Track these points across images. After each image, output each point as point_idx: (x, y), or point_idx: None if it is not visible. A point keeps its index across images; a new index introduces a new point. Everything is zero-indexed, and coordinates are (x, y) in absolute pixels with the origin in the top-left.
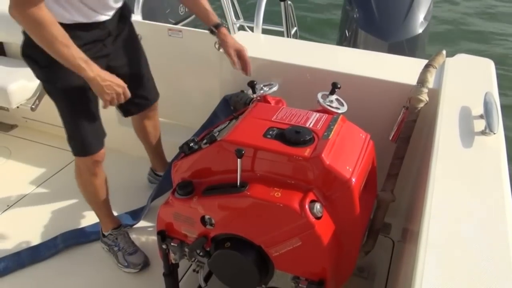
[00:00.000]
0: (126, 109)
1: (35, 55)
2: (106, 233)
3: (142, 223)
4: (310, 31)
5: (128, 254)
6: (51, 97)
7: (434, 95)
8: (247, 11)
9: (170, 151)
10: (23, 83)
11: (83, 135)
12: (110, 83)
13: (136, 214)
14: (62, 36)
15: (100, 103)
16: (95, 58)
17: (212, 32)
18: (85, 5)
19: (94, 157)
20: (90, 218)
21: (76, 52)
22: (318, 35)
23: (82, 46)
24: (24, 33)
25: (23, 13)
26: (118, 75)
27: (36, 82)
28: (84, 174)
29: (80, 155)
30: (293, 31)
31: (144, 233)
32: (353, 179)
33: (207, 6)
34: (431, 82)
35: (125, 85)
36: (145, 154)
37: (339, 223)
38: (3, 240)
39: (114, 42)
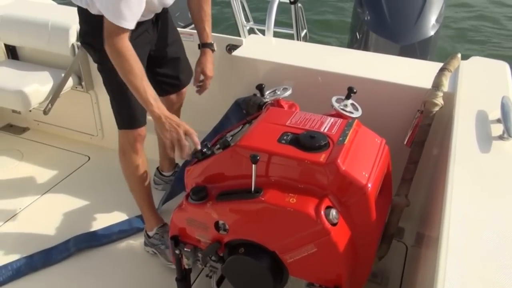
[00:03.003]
0: (161, 87)
1: (90, 41)
2: (151, 233)
3: None
4: (320, 33)
5: None
6: (103, 75)
7: (449, 98)
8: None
9: None
10: (36, 87)
11: (130, 109)
12: (171, 122)
13: None
14: (139, 70)
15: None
16: (143, 45)
17: (198, 47)
18: (148, 10)
19: (138, 131)
20: (102, 221)
21: (149, 88)
22: (328, 37)
23: (135, 38)
24: (80, 24)
25: (108, 43)
26: (157, 58)
27: (49, 86)
28: (128, 151)
29: (126, 127)
30: (303, 34)
31: None
32: (369, 185)
33: (207, 27)
34: (446, 86)
35: (186, 126)
36: (154, 157)
37: (354, 229)
38: (16, 243)
39: (155, 28)
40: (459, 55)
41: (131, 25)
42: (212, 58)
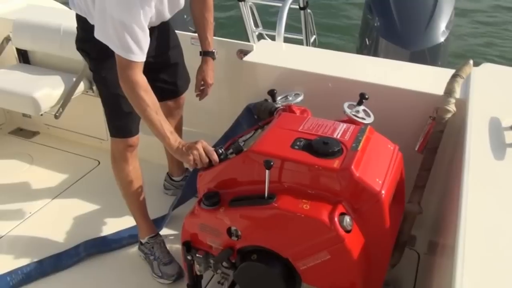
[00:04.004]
0: (159, 93)
1: (87, 48)
2: (143, 241)
3: (163, 232)
4: (329, 39)
5: (163, 264)
6: (96, 83)
7: (462, 105)
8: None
9: None
10: (47, 91)
11: (120, 120)
12: (188, 145)
13: (157, 223)
14: (153, 103)
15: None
16: None
17: (200, 54)
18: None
19: (128, 141)
20: (112, 226)
21: (164, 121)
22: (336, 43)
23: None
24: (77, 29)
25: (121, 78)
26: (156, 64)
27: (60, 90)
28: (118, 159)
29: (116, 136)
30: (312, 39)
31: (166, 242)
32: (383, 192)
33: (209, 35)
34: (458, 92)
35: (201, 141)
36: (163, 161)
37: (368, 236)
38: (26, 247)
39: (153, 35)
40: (471, 62)
41: (141, 57)
42: (213, 66)
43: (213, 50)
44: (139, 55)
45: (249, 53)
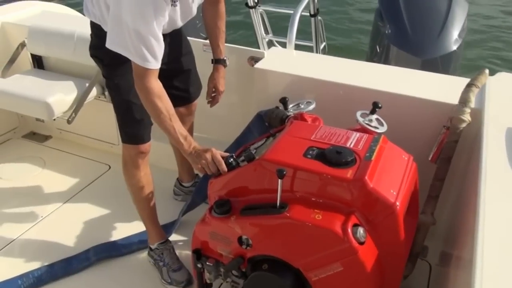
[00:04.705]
0: (171, 100)
1: (100, 55)
2: (152, 247)
3: (172, 237)
4: (338, 46)
5: (172, 270)
6: (109, 90)
7: (477, 115)
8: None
9: None
10: (60, 97)
11: (132, 127)
12: (198, 152)
13: (167, 229)
14: (167, 110)
15: None
16: None
17: (212, 62)
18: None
19: (140, 147)
20: (122, 230)
21: (179, 127)
22: (346, 50)
23: None
24: (91, 36)
25: (137, 85)
26: (168, 71)
27: (73, 95)
28: (129, 165)
29: (127, 142)
30: (322, 46)
31: (175, 248)
32: (398, 203)
33: (221, 43)
34: (473, 102)
35: (211, 150)
36: (173, 167)
37: (382, 248)
38: (37, 251)
39: (166, 42)
40: (487, 71)
41: (155, 65)
42: (224, 74)
43: (225, 58)
44: (154, 63)
45: (260, 60)
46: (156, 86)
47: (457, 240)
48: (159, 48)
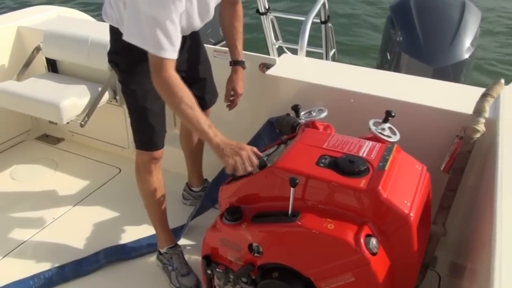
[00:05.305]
0: None
1: (117, 60)
2: (162, 251)
3: (180, 242)
4: (347, 53)
5: (181, 275)
6: (124, 96)
7: (491, 125)
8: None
9: (208, 169)
10: (74, 100)
11: (147, 134)
12: (232, 147)
13: (175, 233)
14: (188, 98)
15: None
16: None
17: (230, 64)
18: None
19: (153, 154)
20: (131, 233)
21: (202, 117)
22: (355, 56)
23: None
24: (110, 41)
25: (154, 77)
26: (184, 79)
27: (86, 99)
28: (141, 170)
29: (141, 148)
30: (331, 53)
31: (184, 253)
32: (412, 214)
33: (239, 44)
34: (488, 112)
35: (251, 148)
36: (182, 171)
37: (394, 259)
38: (48, 252)
39: (183, 48)
40: (503, 81)
41: (172, 54)
42: (243, 76)
43: (243, 60)
44: (171, 52)
45: (272, 67)
46: (175, 76)
47: (471, 252)
48: (177, 36)
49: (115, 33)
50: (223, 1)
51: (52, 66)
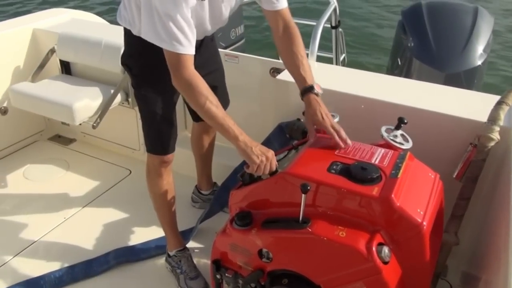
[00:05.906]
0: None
1: (130, 64)
2: (171, 254)
3: (189, 245)
4: (358, 58)
5: (189, 278)
6: (137, 100)
7: (505, 133)
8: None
9: (218, 173)
10: (87, 102)
11: (158, 139)
12: (260, 147)
13: (184, 235)
14: (212, 97)
15: None
16: None
17: (301, 96)
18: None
19: (164, 157)
20: (141, 235)
21: (225, 113)
22: (366, 61)
23: None
24: (124, 44)
25: (173, 77)
26: None
27: (98, 101)
28: (152, 173)
29: (152, 152)
30: (341, 58)
31: (192, 256)
32: (425, 223)
33: (303, 71)
34: (502, 120)
35: (272, 152)
36: (192, 174)
37: (406, 268)
38: (58, 252)
39: (200, 49)
40: None
41: (189, 49)
42: (319, 102)
43: (312, 84)
44: (188, 47)
45: (282, 72)
46: (196, 74)
47: (485, 263)
48: (192, 32)
49: (128, 35)
50: (273, 29)
51: (66, 68)
